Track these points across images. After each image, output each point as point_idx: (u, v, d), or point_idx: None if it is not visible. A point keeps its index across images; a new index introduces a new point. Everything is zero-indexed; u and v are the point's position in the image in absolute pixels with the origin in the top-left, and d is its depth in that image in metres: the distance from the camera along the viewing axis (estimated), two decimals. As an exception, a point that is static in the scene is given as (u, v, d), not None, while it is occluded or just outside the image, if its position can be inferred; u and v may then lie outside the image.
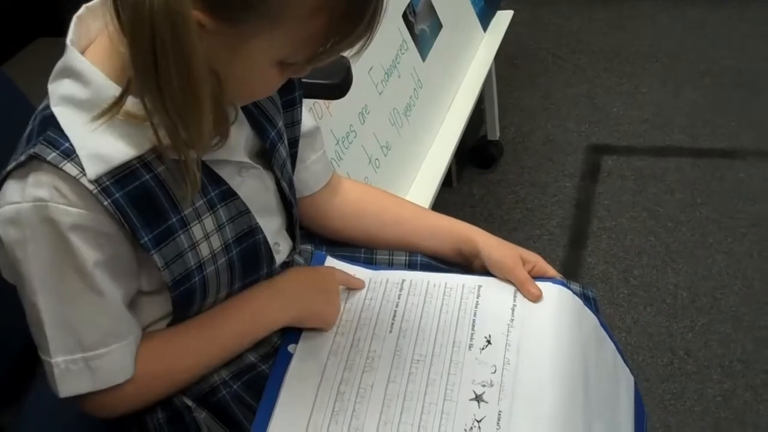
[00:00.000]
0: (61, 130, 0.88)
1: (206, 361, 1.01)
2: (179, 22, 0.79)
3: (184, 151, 0.87)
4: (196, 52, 0.81)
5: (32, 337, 0.95)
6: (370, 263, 1.19)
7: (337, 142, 1.62)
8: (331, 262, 1.16)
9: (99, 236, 0.89)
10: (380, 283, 1.15)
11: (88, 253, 0.89)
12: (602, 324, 1.17)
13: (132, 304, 0.97)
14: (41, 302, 0.90)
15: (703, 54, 3.18)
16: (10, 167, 0.90)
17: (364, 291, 1.14)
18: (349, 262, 1.17)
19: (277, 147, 1.06)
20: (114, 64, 0.90)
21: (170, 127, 0.85)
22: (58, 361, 0.92)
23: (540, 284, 1.13)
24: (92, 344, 0.92)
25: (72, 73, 0.90)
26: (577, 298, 1.14)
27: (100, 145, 0.88)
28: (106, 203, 0.87)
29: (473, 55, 2.32)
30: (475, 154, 2.70)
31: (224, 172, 0.98)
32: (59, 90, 0.90)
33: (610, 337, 1.18)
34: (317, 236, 1.21)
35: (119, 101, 0.86)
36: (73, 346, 0.92)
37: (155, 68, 0.81)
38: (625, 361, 1.21)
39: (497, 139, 2.73)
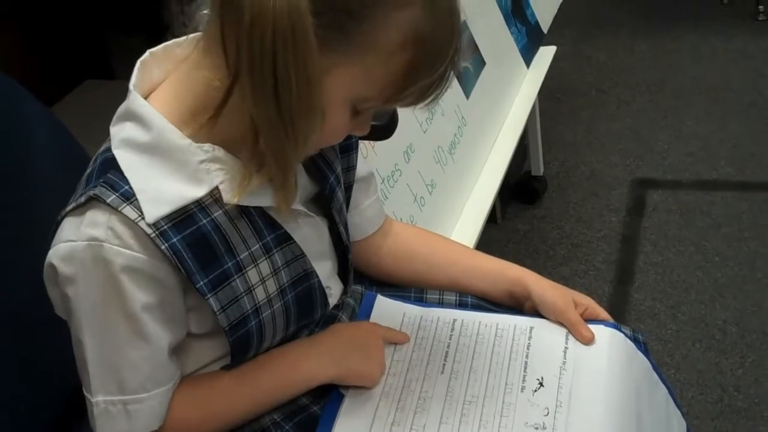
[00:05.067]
0: (122, 173, 0.89)
1: (241, 412, 1.01)
2: (299, 23, 0.80)
3: (288, 159, 0.88)
4: (315, 56, 0.82)
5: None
6: (421, 302, 1.19)
7: (383, 181, 1.62)
8: (381, 300, 1.17)
9: (150, 280, 0.90)
10: (431, 322, 1.15)
11: (138, 296, 0.89)
12: (654, 367, 1.16)
13: (180, 348, 0.98)
14: (87, 341, 0.91)
15: (748, 85, 3.17)
16: (69, 207, 0.91)
17: (415, 330, 1.14)
18: (399, 300, 1.18)
19: (336, 192, 1.07)
20: (179, 109, 0.91)
21: (280, 136, 0.85)
22: (98, 401, 0.93)
23: (592, 327, 1.13)
24: (132, 388, 0.93)
25: (134, 117, 0.92)
26: (629, 341, 1.13)
27: (160, 189, 0.89)
28: (163, 247, 0.88)
29: (516, 91, 2.33)
30: (519, 189, 2.69)
31: (280, 218, 0.98)
32: (121, 133, 0.92)
33: (662, 380, 1.17)
34: (367, 278, 1.21)
35: (219, 109, 0.87)
36: (114, 388, 0.93)
37: (274, 74, 0.81)
38: (678, 405, 1.20)
39: (541, 174, 2.73)
